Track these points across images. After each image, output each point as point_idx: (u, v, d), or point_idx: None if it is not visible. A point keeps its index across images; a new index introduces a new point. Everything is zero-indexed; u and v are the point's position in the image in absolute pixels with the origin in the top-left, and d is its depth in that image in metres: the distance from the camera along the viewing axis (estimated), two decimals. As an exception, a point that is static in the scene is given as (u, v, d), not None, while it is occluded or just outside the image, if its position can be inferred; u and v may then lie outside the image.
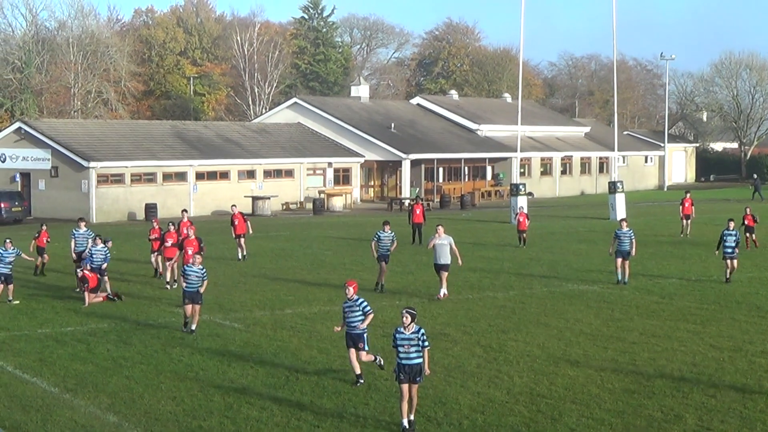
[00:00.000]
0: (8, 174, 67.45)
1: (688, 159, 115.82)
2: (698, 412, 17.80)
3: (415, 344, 16.58)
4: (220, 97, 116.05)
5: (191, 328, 24.42)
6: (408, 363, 16.55)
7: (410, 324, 16.68)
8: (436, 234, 29.90)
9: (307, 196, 74.29)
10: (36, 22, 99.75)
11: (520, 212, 46.61)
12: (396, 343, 16.72)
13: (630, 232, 32.51)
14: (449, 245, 29.56)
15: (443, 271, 29.73)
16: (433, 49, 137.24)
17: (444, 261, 29.56)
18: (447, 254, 29.52)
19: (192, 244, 31.13)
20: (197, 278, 24.52)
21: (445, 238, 29.69)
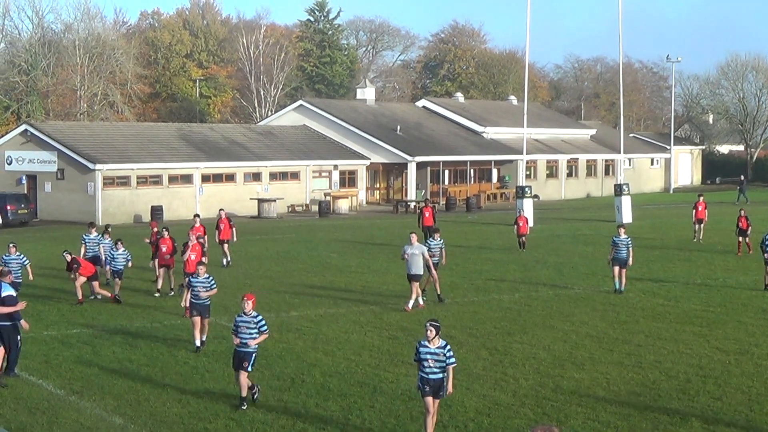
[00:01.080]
0: (14, 176, 67.52)
1: (694, 161, 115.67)
2: (704, 415, 17.79)
3: (440, 360, 15.90)
4: (226, 100, 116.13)
5: (202, 339, 23.14)
6: (432, 378, 15.91)
7: (435, 337, 15.97)
8: (410, 242, 28.39)
9: (313, 199, 74.27)
10: (42, 25, 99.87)
11: (519, 216, 45.92)
12: (419, 357, 16.01)
13: (628, 239, 31.48)
14: (422, 255, 28.20)
15: (415, 282, 28.37)
16: (438, 52, 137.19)
17: (416, 271, 28.15)
18: (420, 264, 28.15)
19: (195, 249, 29.65)
20: (205, 289, 23.23)
21: (418, 247, 28.30)
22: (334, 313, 27.83)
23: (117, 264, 30.53)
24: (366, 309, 28.43)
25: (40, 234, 54.97)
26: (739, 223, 42.54)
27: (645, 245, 45.47)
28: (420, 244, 28.79)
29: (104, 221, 62.27)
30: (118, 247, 30.81)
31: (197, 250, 29.70)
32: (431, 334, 15.93)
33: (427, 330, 15.98)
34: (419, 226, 45.23)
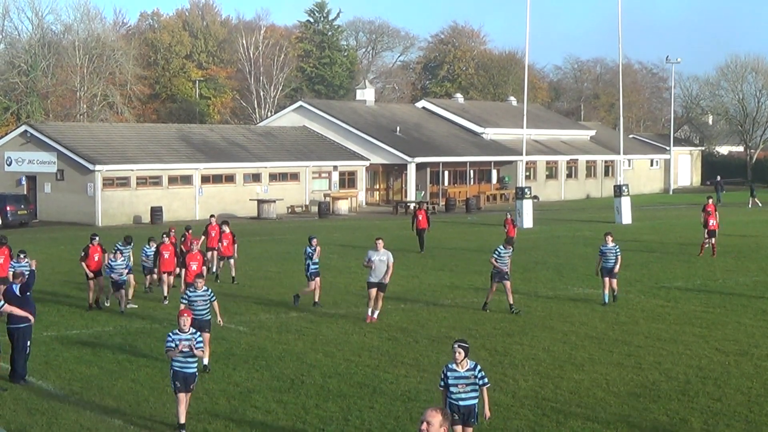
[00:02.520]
0: (14, 177, 67.54)
1: (694, 162, 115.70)
2: (704, 416, 17.79)
3: (471, 383, 14.48)
4: (226, 101, 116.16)
5: (204, 363, 20.82)
6: (465, 404, 14.48)
7: (464, 359, 14.50)
8: (376, 248, 26.69)
9: (313, 200, 74.30)
10: (42, 26, 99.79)
11: (507, 219, 44.61)
12: (447, 383, 14.48)
13: (615, 247, 29.46)
14: (387, 262, 26.48)
15: (380, 291, 26.47)
16: (438, 53, 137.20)
17: (379, 279, 26.35)
18: (384, 271, 26.40)
19: (196, 258, 28.20)
20: (204, 302, 21.38)
21: (384, 253, 26.53)
22: (334, 314, 27.84)
23: (115, 273, 28.53)
24: (365, 310, 28.41)
25: (40, 235, 54.97)
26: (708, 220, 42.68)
27: (644, 247, 45.49)
28: (386, 250, 26.81)
29: (104, 222, 62.41)
30: (116, 257, 28.80)
31: (198, 259, 28.20)
32: (459, 356, 14.46)
33: (455, 352, 14.48)
34: (413, 229, 44.82)
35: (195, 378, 17.12)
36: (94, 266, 29.12)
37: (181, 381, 16.67)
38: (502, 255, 28.01)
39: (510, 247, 28.61)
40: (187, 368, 16.88)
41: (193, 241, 29.94)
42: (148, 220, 63.91)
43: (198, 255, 28.21)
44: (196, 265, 27.63)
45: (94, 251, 29.34)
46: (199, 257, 28.09)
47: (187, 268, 27.82)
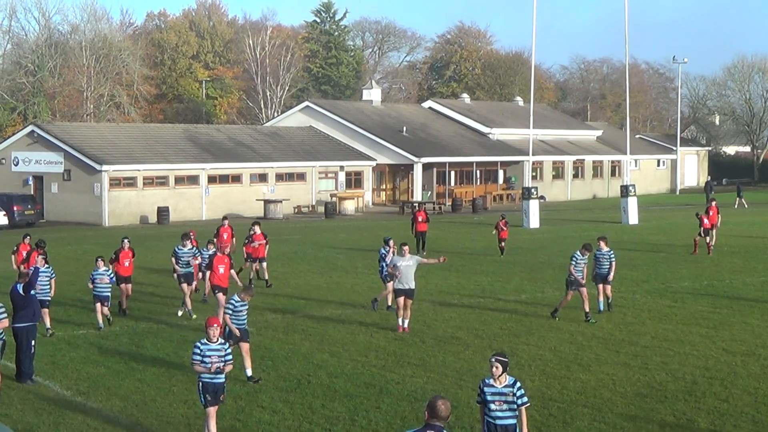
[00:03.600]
0: (21, 177, 67.65)
1: (701, 163, 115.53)
2: (711, 417, 17.77)
3: (509, 400, 13.65)
4: (233, 101, 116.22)
5: (248, 374, 20.18)
6: (501, 423, 13.62)
7: (502, 374, 13.72)
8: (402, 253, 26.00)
9: (319, 200, 74.31)
10: (49, 26, 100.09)
11: (500, 221, 42.37)
12: (485, 398, 13.71)
13: (610, 252, 28.12)
14: (415, 267, 25.71)
15: (408, 299, 25.44)
16: (444, 53, 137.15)
17: (408, 286, 25.40)
18: (412, 278, 25.58)
19: (223, 261, 26.47)
20: (247, 312, 20.54)
21: (410, 258, 25.84)
22: (341, 314, 27.84)
23: (99, 287, 26.00)
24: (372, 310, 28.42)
25: (47, 235, 54.92)
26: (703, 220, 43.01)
27: (651, 247, 45.44)
28: (413, 255, 26.61)
29: (111, 223, 62.48)
30: (98, 265, 26.22)
31: (226, 263, 26.43)
32: (497, 371, 13.68)
33: (493, 366, 13.74)
34: (412, 231, 43.33)
35: (224, 389, 16.47)
36: (123, 272, 28.17)
37: (211, 394, 16.08)
38: (579, 262, 27.06)
39: (587, 252, 27.38)
40: (217, 379, 16.19)
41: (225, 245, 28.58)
42: (154, 220, 63.96)
43: (226, 258, 26.58)
44: (223, 269, 26.15)
45: (125, 256, 28.37)
46: (227, 261, 26.44)
47: (213, 270, 26.29)
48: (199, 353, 16.19)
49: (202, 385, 16.18)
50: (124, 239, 29.22)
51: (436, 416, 10.90)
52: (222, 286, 26.03)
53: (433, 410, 10.94)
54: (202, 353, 16.16)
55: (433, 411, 10.94)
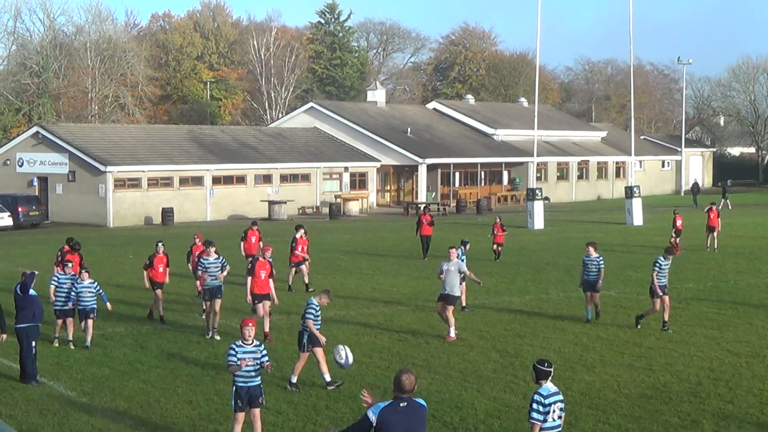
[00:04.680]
0: (26, 178, 67.71)
1: (705, 164, 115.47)
2: (715, 418, 17.75)
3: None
4: (237, 102, 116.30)
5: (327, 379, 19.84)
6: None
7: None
8: (448, 257, 25.46)
9: (324, 201, 74.34)
10: (54, 27, 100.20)
11: (496, 223, 41.17)
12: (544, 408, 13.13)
13: (599, 258, 26.96)
14: (457, 272, 25.03)
15: (447, 304, 24.74)
16: (449, 54, 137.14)
17: (447, 291, 24.81)
18: (455, 283, 25.04)
19: (264, 267, 24.78)
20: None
21: (455, 263, 25.16)
22: (345, 314, 27.82)
23: (83, 301, 23.68)
24: (376, 311, 28.43)
25: (52, 236, 55.06)
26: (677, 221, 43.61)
27: (655, 248, 45.38)
28: (458, 260, 25.63)
29: (115, 224, 62.52)
30: (83, 278, 23.92)
31: (267, 268, 24.75)
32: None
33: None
34: (417, 235, 42.24)
35: (261, 391, 16.08)
36: (158, 277, 27.17)
37: (243, 399, 15.79)
38: (663, 267, 25.77)
39: (670, 256, 26.21)
40: (252, 383, 15.89)
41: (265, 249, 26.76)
42: (159, 221, 64.00)
43: (268, 264, 24.98)
44: (264, 274, 24.69)
45: (159, 261, 27.27)
46: (268, 266, 24.90)
47: (255, 276, 24.66)
48: (233, 354, 15.88)
49: (235, 389, 15.86)
50: (159, 243, 28.06)
51: (402, 390, 11.48)
52: (262, 293, 24.50)
53: (399, 384, 11.49)
54: (236, 355, 15.87)
55: (399, 385, 11.49)
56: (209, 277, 25.17)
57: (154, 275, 27.28)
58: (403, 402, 11.42)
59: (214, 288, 25.09)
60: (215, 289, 25.09)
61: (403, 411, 11.38)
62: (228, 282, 28.02)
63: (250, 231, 34.51)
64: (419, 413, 11.54)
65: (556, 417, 13.06)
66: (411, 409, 11.46)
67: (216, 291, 25.07)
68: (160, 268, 27.33)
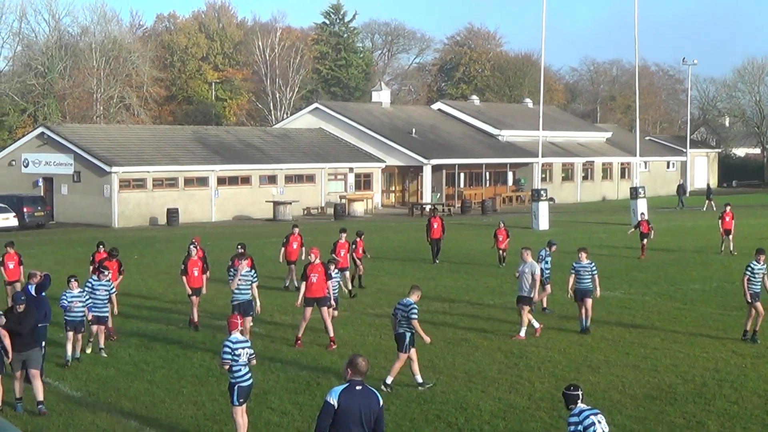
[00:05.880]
0: (31, 179, 67.78)
1: (711, 164, 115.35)
2: (720, 419, 17.73)
3: None
4: (242, 103, 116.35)
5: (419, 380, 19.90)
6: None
7: None
8: (522, 258, 25.19)
9: (328, 201, 74.34)
10: (59, 28, 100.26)
11: (499, 228, 39.49)
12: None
13: (591, 265, 25.69)
14: (531, 274, 24.75)
15: (523, 305, 24.88)
16: (454, 54, 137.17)
17: (520, 292, 24.89)
18: (525, 284, 24.73)
19: (316, 270, 24.02)
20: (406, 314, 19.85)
21: (529, 264, 24.88)
22: (350, 315, 27.83)
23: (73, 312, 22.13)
24: (381, 311, 28.42)
25: (57, 236, 55.15)
26: (640, 226, 42.63)
27: (661, 248, 45.36)
28: (533, 261, 25.22)
29: (120, 224, 62.56)
30: (72, 287, 22.29)
31: (319, 271, 24.05)
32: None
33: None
34: (427, 239, 41.01)
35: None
36: (194, 283, 26.16)
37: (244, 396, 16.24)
38: (757, 272, 24.33)
39: (763, 257, 24.54)
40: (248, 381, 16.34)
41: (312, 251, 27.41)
42: (164, 221, 64.04)
43: (320, 266, 24.13)
44: (316, 278, 23.93)
45: (194, 265, 26.27)
46: (320, 269, 24.08)
47: (307, 280, 23.98)
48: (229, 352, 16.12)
49: (238, 390, 16.12)
50: (191, 245, 26.86)
51: (357, 371, 12.02)
52: (317, 296, 23.87)
53: (354, 366, 12.02)
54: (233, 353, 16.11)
55: (354, 367, 12.02)
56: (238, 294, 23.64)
57: (190, 281, 26.11)
58: (358, 385, 11.98)
59: (245, 303, 23.54)
60: (246, 305, 23.54)
61: (359, 394, 11.95)
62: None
63: (291, 236, 33.65)
64: (373, 398, 12.06)
65: (603, 427, 12.75)
66: (366, 392, 12.03)
67: (247, 307, 23.53)
68: (194, 272, 26.15)
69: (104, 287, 23.14)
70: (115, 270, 25.90)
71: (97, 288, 23.03)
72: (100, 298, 22.94)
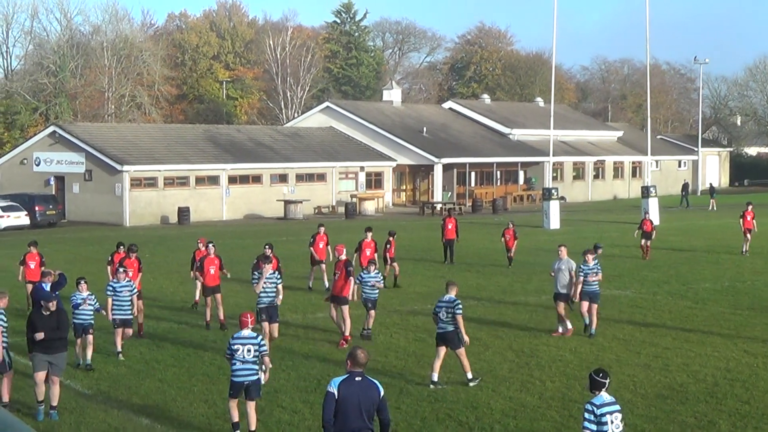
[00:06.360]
0: (43, 177, 67.93)
1: (722, 163, 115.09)
2: (732, 419, 17.70)
3: None
4: (253, 101, 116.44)
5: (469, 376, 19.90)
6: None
7: None
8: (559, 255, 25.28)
9: (339, 200, 74.37)
10: (71, 27, 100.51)
11: (507, 228, 39.20)
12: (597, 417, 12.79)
13: (596, 265, 24.98)
14: (567, 270, 24.80)
15: (560, 301, 24.92)
16: (465, 53, 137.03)
17: (557, 290, 24.92)
18: (562, 281, 24.76)
19: (339, 267, 24.47)
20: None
21: (565, 261, 24.96)
22: (361, 314, 27.80)
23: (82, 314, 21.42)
24: (392, 310, 28.42)
25: (68, 235, 55.28)
26: (642, 225, 42.04)
27: (672, 248, 45.29)
28: (569, 258, 25.30)
29: (132, 223, 62.68)
30: (81, 288, 21.45)
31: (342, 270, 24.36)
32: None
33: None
34: (442, 239, 40.41)
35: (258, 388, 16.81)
36: (209, 281, 25.83)
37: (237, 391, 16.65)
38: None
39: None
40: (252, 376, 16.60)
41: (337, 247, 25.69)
42: (175, 220, 64.12)
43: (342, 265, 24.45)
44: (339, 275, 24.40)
45: (210, 263, 25.93)
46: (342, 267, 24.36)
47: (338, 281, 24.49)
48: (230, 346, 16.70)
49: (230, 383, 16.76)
50: (210, 244, 26.62)
51: (357, 363, 12.45)
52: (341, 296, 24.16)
53: (354, 358, 12.45)
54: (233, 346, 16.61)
55: (354, 359, 12.45)
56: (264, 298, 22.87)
57: (206, 279, 25.93)
58: (358, 376, 12.40)
59: (271, 308, 22.80)
60: (272, 310, 22.83)
61: (358, 384, 12.36)
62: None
63: (318, 235, 33.22)
64: (373, 389, 12.43)
65: (614, 428, 12.78)
66: (366, 384, 12.43)
67: (273, 312, 22.88)
68: (211, 270, 25.88)
69: (126, 288, 22.50)
70: (135, 268, 25.45)
71: (120, 290, 22.38)
72: (123, 300, 22.35)
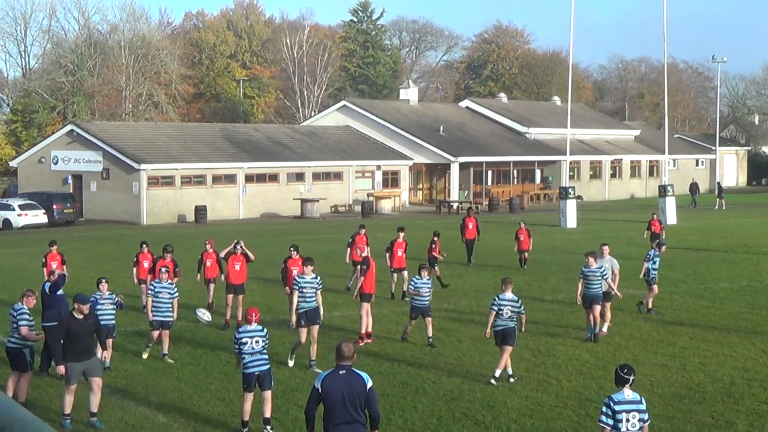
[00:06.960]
0: (60, 176, 68.17)
1: (740, 162, 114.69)
2: (749, 419, 17.64)
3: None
4: (270, 100, 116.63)
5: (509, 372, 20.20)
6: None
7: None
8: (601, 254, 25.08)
9: (356, 199, 74.40)
10: (88, 26, 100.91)
11: (520, 229, 38.33)
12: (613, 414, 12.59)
13: (601, 269, 24.40)
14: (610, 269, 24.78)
15: (603, 301, 24.43)
16: (482, 52, 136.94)
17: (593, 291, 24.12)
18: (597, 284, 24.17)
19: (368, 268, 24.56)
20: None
21: (608, 260, 24.93)
22: (377, 313, 27.79)
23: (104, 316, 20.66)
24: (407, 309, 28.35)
25: (86, 233, 55.46)
26: (651, 226, 41.75)
27: (689, 247, 45.17)
28: (611, 257, 25.25)
29: (149, 221, 62.83)
30: (102, 288, 21.02)
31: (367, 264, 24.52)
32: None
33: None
34: (462, 239, 40.17)
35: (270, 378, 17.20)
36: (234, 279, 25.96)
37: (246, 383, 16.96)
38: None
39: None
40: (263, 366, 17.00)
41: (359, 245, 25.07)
42: (192, 219, 64.26)
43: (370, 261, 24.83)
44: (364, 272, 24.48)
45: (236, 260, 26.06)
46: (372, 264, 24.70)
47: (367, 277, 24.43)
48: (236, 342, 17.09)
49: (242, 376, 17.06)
50: (237, 244, 26.12)
51: (342, 356, 12.75)
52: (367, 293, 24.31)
53: (340, 352, 12.77)
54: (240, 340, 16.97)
55: (340, 353, 12.77)
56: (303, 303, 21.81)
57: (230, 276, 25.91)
58: (342, 370, 12.63)
59: (311, 311, 21.72)
60: (312, 313, 21.75)
61: (342, 378, 12.58)
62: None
63: (358, 236, 32.54)
64: (358, 381, 12.62)
65: (630, 426, 12.47)
66: (350, 377, 12.63)
67: (314, 315, 21.77)
68: (236, 266, 25.89)
69: (166, 290, 21.96)
70: (171, 270, 24.44)
71: (160, 291, 21.95)
72: (163, 302, 21.89)
